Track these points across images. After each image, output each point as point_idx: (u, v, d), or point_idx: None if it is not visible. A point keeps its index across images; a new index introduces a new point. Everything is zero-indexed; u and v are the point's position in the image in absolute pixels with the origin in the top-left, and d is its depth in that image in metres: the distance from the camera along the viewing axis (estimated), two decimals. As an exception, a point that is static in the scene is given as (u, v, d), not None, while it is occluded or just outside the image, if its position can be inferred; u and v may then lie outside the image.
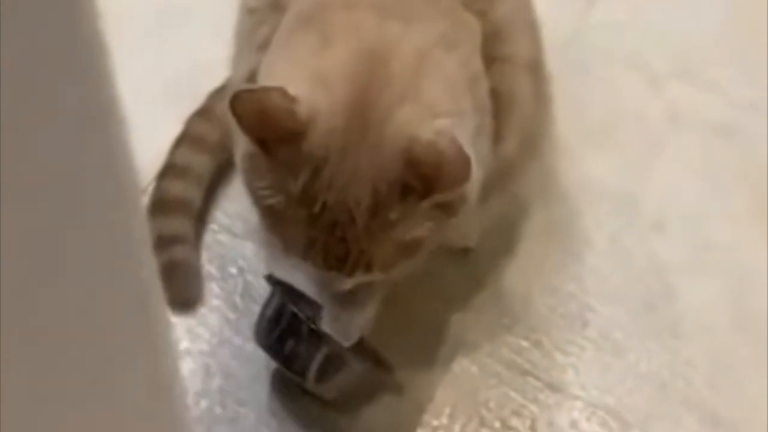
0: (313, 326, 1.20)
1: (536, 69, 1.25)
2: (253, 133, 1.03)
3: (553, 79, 1.30)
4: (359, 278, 1.07)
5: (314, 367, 1.21)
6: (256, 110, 1.01)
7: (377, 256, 1.04)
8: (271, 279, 1.27)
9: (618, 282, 1.39)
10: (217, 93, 1.40)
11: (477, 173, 1.05)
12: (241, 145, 1.07)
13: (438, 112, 1.05)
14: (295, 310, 1.21)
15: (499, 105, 1.17)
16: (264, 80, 1.11)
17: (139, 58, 1.55)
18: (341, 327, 1.18)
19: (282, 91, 1.02)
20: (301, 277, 1.21)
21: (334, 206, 1.02)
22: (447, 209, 1.04)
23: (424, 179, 1.02)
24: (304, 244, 1.05)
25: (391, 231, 1.03)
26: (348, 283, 1.09)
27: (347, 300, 1.16)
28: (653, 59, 1.61)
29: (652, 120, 1.55)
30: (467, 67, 1.11)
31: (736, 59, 1.60)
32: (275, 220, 1.06)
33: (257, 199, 1.07)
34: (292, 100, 1.02)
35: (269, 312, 1.25)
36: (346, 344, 1.18)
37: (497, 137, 1.18)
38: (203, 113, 1.42)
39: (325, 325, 1.18)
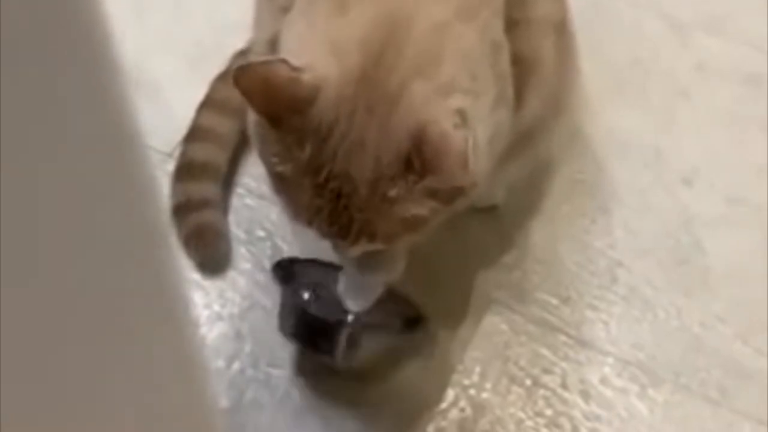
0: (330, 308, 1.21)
1: (561, 29, 1.24)
2: (260, 107, 1.03)
3: (577, 34, 1.29)
4: (364, 247, 1.07)
5: (341, 346, 1.22)
6: (261, 84, 1.01)
7: (380, 227, 1.04)
8: (276, 270, 1.28)
9: (647, 236, 1.39)
10: (241, 55, 1.40)
11: (487, 153, 1.05)
12: (251, 112, 1.07)
13: (453, 89, 1.04)
14: (307, 297, 1.22)
15: (522, 68, 1.15)
16: (283, 44, 1.10)
17: (164, 23, 1.55)
18: (358, 290, 1.18)
19: (285, 62, 1.01)
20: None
21: (339, 175, 1.02)
22: (449, 193, 1.03)
23: (423, 160, 1.00)
24: (310, 212, 1.05)
25: (391, 207, 1.03)
26: (353, 251, 1.09)
27: (366, 262, 1.16)
28: (679, 9, 1.59)
29: (678, 71, 1.54)
30: (487, 36, 1.10)
31: (763, 8, 1.57)
32: (284, 186, 1.06)
33: (267, 164, 1.07)
34: (296, 69, 1.01)
35: (287, 303, 1.26)
36: (358, 309, 1.18)
37: (520, 100, 1.16)
38: (227, 76, 1.41)
39: (340, 291, 1.18)
